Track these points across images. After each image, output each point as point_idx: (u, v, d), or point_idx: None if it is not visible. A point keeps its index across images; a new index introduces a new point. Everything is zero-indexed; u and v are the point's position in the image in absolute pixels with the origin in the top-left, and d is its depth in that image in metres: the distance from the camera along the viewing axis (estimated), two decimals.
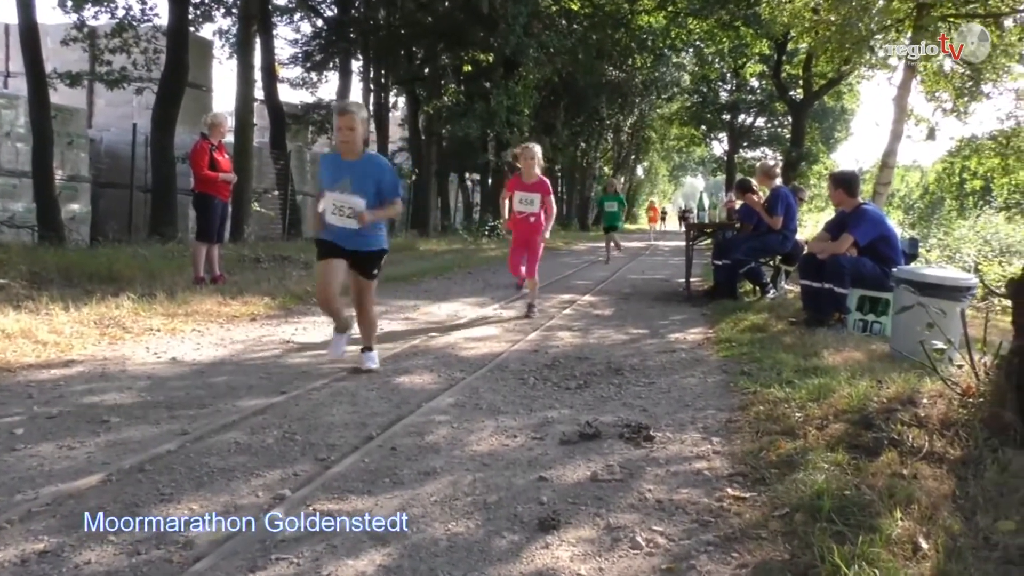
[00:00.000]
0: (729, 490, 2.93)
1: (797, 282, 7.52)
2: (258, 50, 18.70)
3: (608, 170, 46.84)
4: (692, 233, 10.12)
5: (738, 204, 9.37)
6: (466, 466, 3.19)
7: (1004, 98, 37.16)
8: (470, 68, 25.91)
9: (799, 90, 33.44)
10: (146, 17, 16.19)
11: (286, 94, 38.03)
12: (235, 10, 18.99)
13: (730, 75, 44.94)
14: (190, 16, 16.60)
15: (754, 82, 45.60)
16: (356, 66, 23.71)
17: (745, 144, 49.08)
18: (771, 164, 9.27)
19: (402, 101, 28.20)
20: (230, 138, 14.32)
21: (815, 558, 2.25)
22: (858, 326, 6.27)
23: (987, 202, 21.27)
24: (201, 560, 2.31)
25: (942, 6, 13.50)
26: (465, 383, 4.69)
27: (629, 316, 7.85)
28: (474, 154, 24.78)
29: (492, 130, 23.51)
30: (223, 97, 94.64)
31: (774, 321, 6.80)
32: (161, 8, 48.23)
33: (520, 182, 7.32)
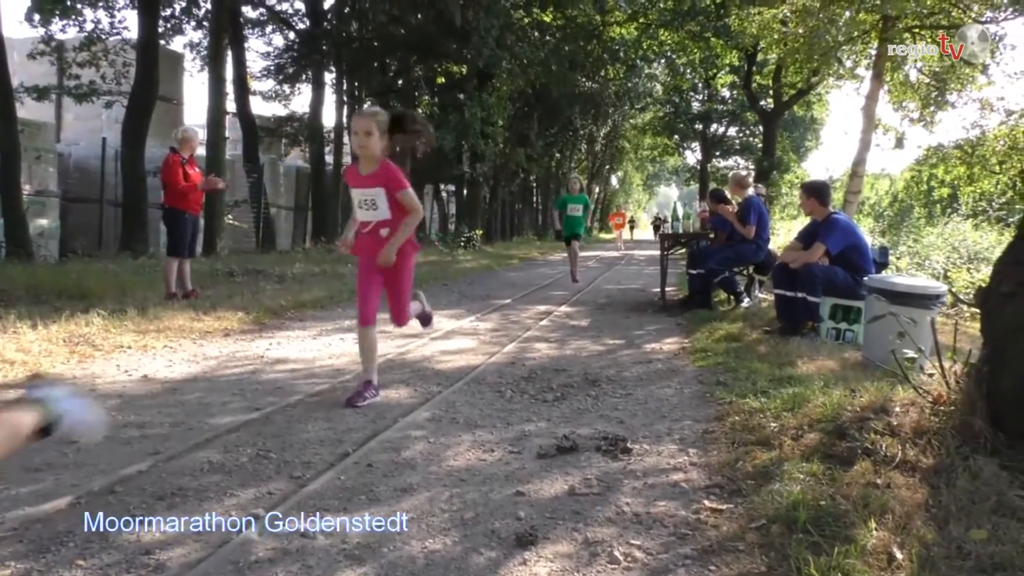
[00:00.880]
0: (706, 502, 2.94)
1: (771, 291, 7.60)
2: (230, 63, 18.63)
3: (583, 179, 46.95)
4: (667, 243, 10.22)
5: (709, 213, 9.51)
6: (443, 482, 3.17)
7: (968, 108, 37.95)
8: (443, 80, 25.95)
9: (769, 100, 33.96)
10: (115, 30, 16.09)
11: (259, 107, 37.91)
12: (206, 23, 18.89)
13: (702, 85, 45.61)
14: (160, 29, 16.48)
15: (725, 92, 46.32)
16: (329, 78, 23.62)
17: (718, 154, 49.75)
18: (743, 174, 9.68)
19: None
20: (202, 151, 14.22)
21: (792, 570, 2.27)
22: (831, 334, 6.34)
23: (954, 209, 21.64)
24: None
25: (906, 18, 13.79)
26: (441, 397, 4.66)
27: (605, 327, 7.88)
28: (449, 165, 24.79)
29: (466, 141, 23.56)
30: (194, 110, 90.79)
31: (748, 330, 6.86)
32: (131, 21, 47.54)
33: (357, 175, 4.45)
